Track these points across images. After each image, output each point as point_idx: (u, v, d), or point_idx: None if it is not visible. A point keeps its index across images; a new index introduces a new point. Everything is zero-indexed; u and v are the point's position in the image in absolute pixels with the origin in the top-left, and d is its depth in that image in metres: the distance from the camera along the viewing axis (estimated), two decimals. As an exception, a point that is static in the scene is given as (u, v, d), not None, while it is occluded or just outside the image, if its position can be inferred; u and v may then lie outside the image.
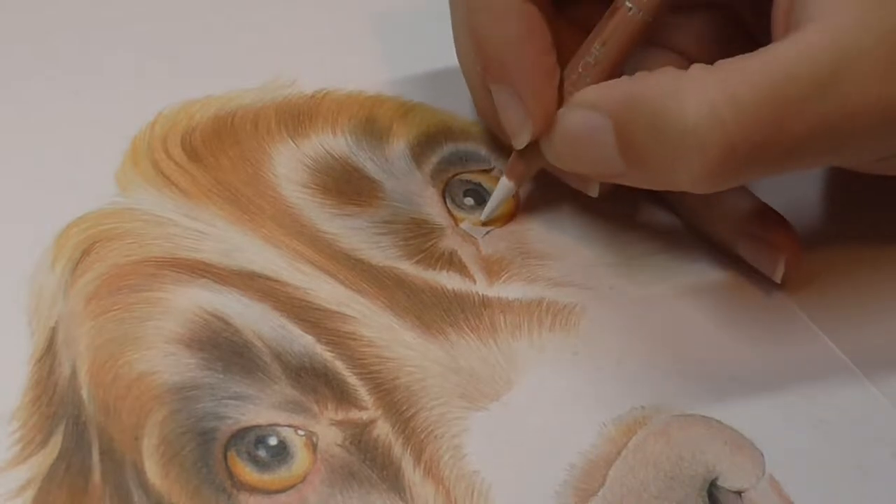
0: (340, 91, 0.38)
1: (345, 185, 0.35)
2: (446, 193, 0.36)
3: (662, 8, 0.32)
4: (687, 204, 0.35)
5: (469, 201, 0.36)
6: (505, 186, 0.34)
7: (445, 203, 0.36)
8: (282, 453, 0.29)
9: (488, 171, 0.37)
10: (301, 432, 0.29)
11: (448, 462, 0.29)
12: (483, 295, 0.33)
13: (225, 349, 0.31)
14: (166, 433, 0.29)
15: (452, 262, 0.34)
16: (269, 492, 0.29)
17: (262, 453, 0.29)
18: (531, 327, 0.32)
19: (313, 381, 0.30)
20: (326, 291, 0.32)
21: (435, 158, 0.37)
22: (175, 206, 0.34)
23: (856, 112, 0.28)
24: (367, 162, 0.36)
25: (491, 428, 0.30)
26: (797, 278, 0.34)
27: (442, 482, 0.29)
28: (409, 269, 0.33)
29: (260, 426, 0.29)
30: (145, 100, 0.37)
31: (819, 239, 0.35)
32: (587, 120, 0.30)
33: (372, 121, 0.37)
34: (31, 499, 0.28)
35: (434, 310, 0.32)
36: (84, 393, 0.30)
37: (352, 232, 0.34)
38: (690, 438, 0.29)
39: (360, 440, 0.29)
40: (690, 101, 0.28)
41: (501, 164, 0.36)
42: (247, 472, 0.29)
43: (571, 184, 0.35)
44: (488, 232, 0.35)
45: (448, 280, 0.33)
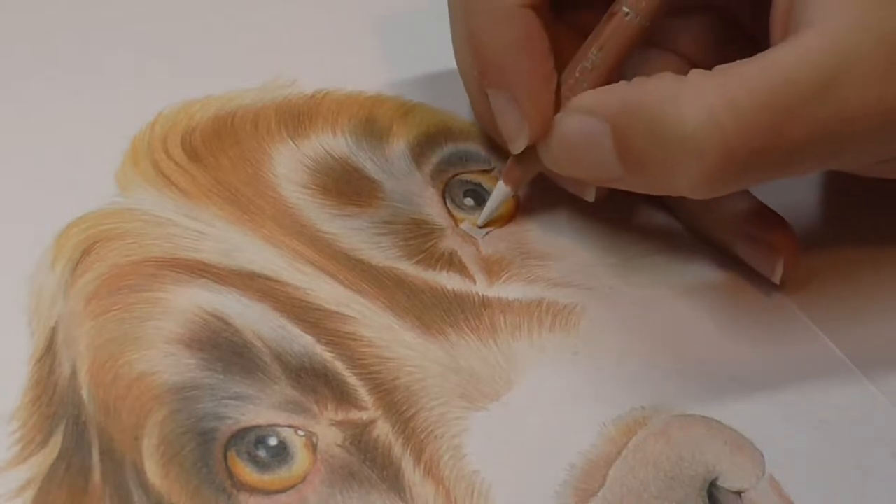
0: (340, 91, 0.38)
1: (345, 186, 0.35)
2: (446, 194, 0.36)
3: (659, 12, 0.32)
4: (685, 205, 0.35)
5: (469, 202, 0.36)
6: (502, 191, 0.34)
7: (445, 203, 0.36)
8: (282, 453, 0.29)
9: (488, 172, 0.37)
10: (301, 432, 0.29)
11: (448, 462, 0.29)
12: (483, 295, 0.33)
13: (225, 349, 0.31)
14: (166, 433, 0.29)
15: (452, 263, 0.34)
16: (269, 492, 0.29)
17: (262, 453, 0.29)
18: (531, 327, 0.32)
19: (313, 382, 0.30)
20: (326, 292, 0.32)
21: (435, 158, 0.37)
22: (175, 206, 0.34)
23: (856, 115, 0.28)
24: (367, 162, 0.36)
25: (491, 428, 0.30)
26: (797, 279, 0.34)
27: (442, 482, 0.29)
28: (409, 270, 0.33)
29: (260, 426, 0.29)
30: (145, 100, 0.37)
31: (819, 239, 0.35)
32: (584, 125, 0.30)
33: (372, 121, 0.37)
34: (31, 499, 0.28)
35: (434, 310, 0.32)
36: (84, 393, 0.30)
37: (352, 232, 0.34)
38: (690, 438, 0.29)
39: (360, 440, 0.29)
40: (689, 107, 0.28)
41: (501, 165, 0.36)
42: (247, 473, 0.29)
43: (568, 188, 0.35)
44: (488, 232, 0.35)
45: (448, 280, 0.33)
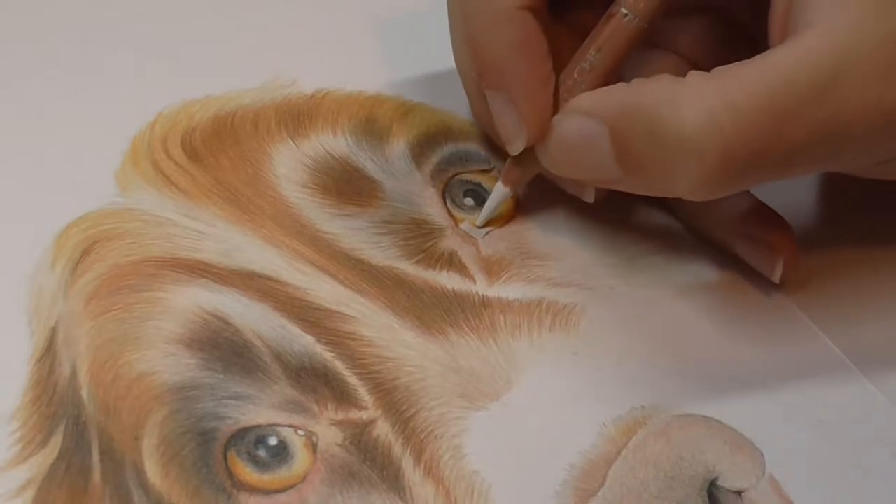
0: (340, 91, 0.38)
1: (345, 185, 0.35)
2: (446, 194, 0.36)
3: (658, 14, 0.32)
4: (685, 205, 0.35)
5: (469, 201, 0.36)
6: (500, 192, 0.34)
7: (445, 203, 0.36)
8: (282, 453, 0.29)
9: (488, 172, 0.37)
10: (301, 432, 0.29)
11: (448, 462, 0.29)
12: (483, 295, 0.33)
13: (225, 349, 0.31)
14: (166, 433, 0.29)
15: (452, 263, 0.34)
16: (269, 492, 0.29)
17: (262, 453, 0.29)
18: (531, 327, 0.32)
19: (313, 381, 0.30)
20: (326, 291, 0.32)
21: (435, 158, 0.37)
22: (175, 206, 0.34)
23: (855, 116, 0.28)
24: (367, 162, 0.36)
25: (491, 428, 0.30)
26: (797, 278, 0.34)
27: (442, 482, 0.29)
28: (409, 269, 0.33)
29: (260, 426, 0.29)
30: (145, 100, 0.37)
31: (819, 239, 0.35)
32: (582, 126, 0.30)
33: (372, 121, 0.37)
34: (31, 499, 0.28)
35: (434, 310, 0.32)
36: (84, 393, 0.30)
37: (352, 232, 0.34)
38: (690, 438, 0.29)
39: (360, 440, 0.29)
40: (688, 109, 0.28)
41: (501, 165, 0.36)
42: (247, 472, 0.29)
43: (567, 189, 0.35)
44: (488, 232, 0.35)
45: (448, 280, 0.33)
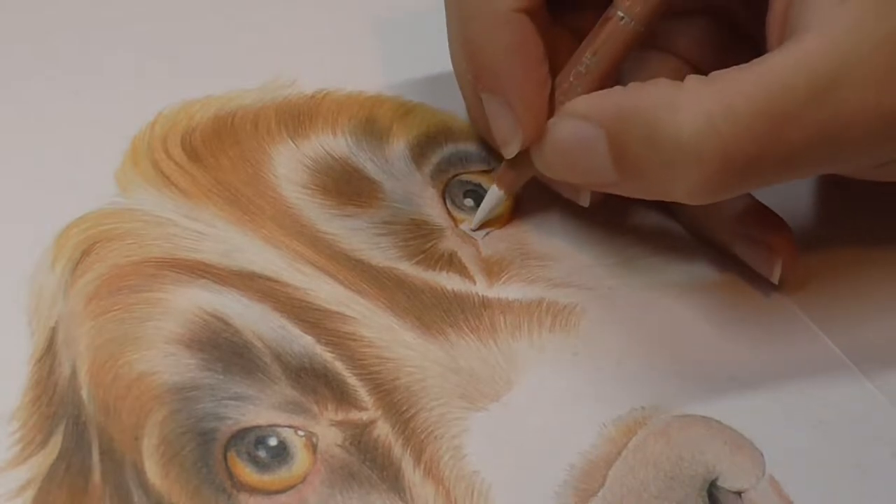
0: (340, 91, 0.38)
1: (345, 186, 0.35)
2: (446, 194, 0.36)
3: (655, 17, 0.32)
4: (684, 206, 0.35)
5: (469, 202, 0.36)
6: (495, 195, 0.34)
7: (445, 204, 0.36)
8: (282, 454, 0.29)
9: (488, 172, 0.36)
10: (301, 433, 0.29)
11: (448, 462, 0.29)
12: (483, 296, 0.33)
13: (225, 350, 0.31)
14: (166, 433, 0.29)
15: (452, 263, 0.34)
16: (269, 492, 0.29)
17: (262, 454, 0.29)
18: (531, 328, 0.32)
19: (313, 382, 0.30)
20: (326, 292, 0.32)
21: (435, 159, 0.37)
22: (175, 207, 0.34)
23: (854, 119, 0.27)
24: (367, 162, 0.36)
25: (491, 428, 0.30)
26: (796, 279, 0.34)
27: (442, 482, 0.29)
28: (409, 270, 0.33)
29: (260, 427, 0.29)
30: (145, 100, 0.37)
31: (819, 239, 0.35)
32: (578, 130, 0.30)
33: (372, 121, 0.37)
34: (31, 499, 0.28)
35: (434, 310, 0.32)
36: (84, 393, 0.30)
37: (352, 232, 0.34)
38: (690, 438, 0.29)
39: (360, 441, 0.29)
40: (686, 113, 0.28)
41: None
42: (247, 473, 0.29)
43: (563, 193, 0.35)
44: (488, 233, 0.35)
45: (448, 281, 0.33)
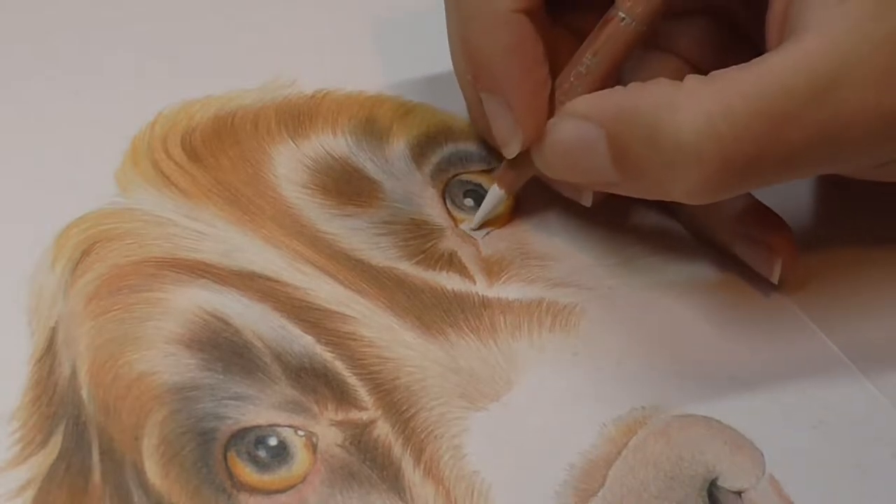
0: (340, 91, 0.38)
1: (345, 186, 0.35)
2: (446, 194, 0.36)
3: (655, 18, 0.32)
4: (684, 206, 0.35)
5: (469, 202, 0.36)
6: (495, 195, 0.34)
7: (445, 204, 0.36)
8: (282, 454, 0.29)
9: (488, 172, 0.36)
10: (301, 433, 0.29)
11: (448, 462, 0.29)
12: (483, 295, 0.33)
13: (225, 349, 0.31)
14: (166, 433, 0.29)
15: (452, 263, 0.34)
16: (269, 492, 0.29)
17: (262, 453, 0.29)
18: (531, 328, 0.32)
19: (313, 382, 0.30)
20: (326, 292, 0.32)
21: (435, 159, 0.37)
22: (175, 207, 0.34)
23: (854, 119, 0.27)
24: (367, 162, 0.36)
25: (491, 428, 0.30)
26: (796, 279, 0.34)
27: (442, 482, 0.29)
28: (409, 270, 0.33)
29: (260, 426, 0.29)
30: (145, 100, 0.37)
31: (819, 239, 0.35)
32: (578, 130, 0.30)
33: (372, 121, 0.37)
34: (31, 499, 0.28)
35: (434, 310, 0.32)
36: (84, 393, 0.30)
37: (352, 232, 0.34)
38: (690, 438, 0.29)
39: (360, 440, 0.29)
40: (686, 113, 0.28)
41: (501, 165, 0.36)
42: (247, 473, 0.29)
43: (564, 193, 0.35)
44: (488, 233, 0.35)
45: (448, 281, 0.33)
